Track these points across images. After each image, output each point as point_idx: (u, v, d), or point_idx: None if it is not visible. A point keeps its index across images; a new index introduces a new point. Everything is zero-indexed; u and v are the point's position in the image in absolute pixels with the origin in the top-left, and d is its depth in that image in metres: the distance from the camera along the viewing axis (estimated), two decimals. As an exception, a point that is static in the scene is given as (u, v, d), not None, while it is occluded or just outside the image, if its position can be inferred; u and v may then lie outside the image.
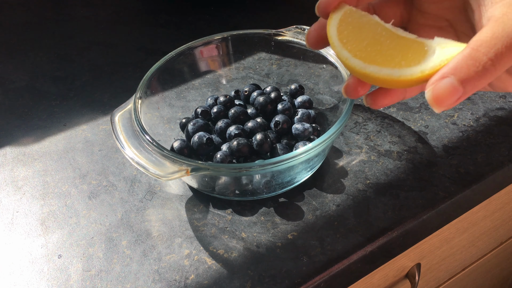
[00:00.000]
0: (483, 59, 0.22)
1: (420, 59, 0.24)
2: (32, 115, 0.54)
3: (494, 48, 0.22)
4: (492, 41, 0.22)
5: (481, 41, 0.22)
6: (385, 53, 0.26)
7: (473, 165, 0.43)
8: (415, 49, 0.25)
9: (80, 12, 0.73)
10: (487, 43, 0.22)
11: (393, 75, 0.25)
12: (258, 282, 0.36)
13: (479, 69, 0.22)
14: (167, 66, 0.46)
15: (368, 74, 0.26)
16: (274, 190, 0.41)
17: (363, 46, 0.26)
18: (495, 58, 0.22)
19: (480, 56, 0.22)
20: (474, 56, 0.22)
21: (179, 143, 0.42)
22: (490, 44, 0.22)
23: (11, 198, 0.44)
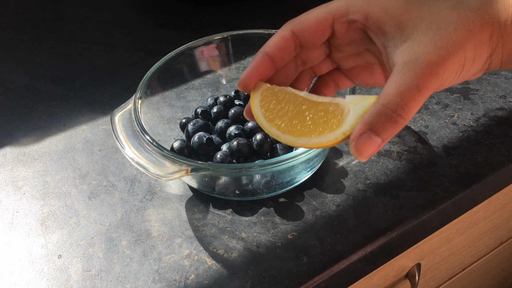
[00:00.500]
0: (393, 115, 0.25)
1: (340, 122, 0.27)
2: (32, 115, 0.54)
3: (401, 104, 0.24)
4: (398, 98, 0.24)
5: (388, 97, 0.25)
6: (309, 123, 0.28)
7: (473, 165, 0.43)
8: (333, 112, 0.28)
9: (80, 12, 0.73)
10: (394, 101, 0.25)
11: (321, 142, 0.28)
12: (258, 282, 0.36)
13: (391, 123, 0.25)
14: (167, 66, 0.46)
15: (300, 145, 0.28)
16: (274, 190, 0.41)
17: (289, 120, 0.29)
18: (404, 113, 0.25)
19: (390, 113, 0.25)
20: (385, 112, 0.25)
21: (179, 143, 0.42)
22: (397, 101, 0.24)
23: (11, 198, 0.44)
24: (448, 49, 0.24)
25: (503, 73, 0.54)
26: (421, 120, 0.48)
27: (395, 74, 0.25)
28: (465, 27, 0.25)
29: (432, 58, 0.24)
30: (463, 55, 0.25)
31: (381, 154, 0.45)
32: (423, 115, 0.49)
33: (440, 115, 0.49)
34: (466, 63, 0.25)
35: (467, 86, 0.53)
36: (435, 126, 0.48)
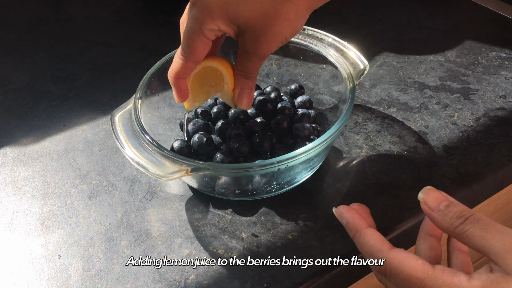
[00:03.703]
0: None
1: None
2: (32, 115, 0.54)
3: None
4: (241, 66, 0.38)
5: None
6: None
7: (473, 165, 0.43)
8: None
9: (80, 12, 0.73)
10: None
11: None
12: (258, 282, 0.36)
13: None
14: (167, 66, 0.46)
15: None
16: (274, 190, 0.41)
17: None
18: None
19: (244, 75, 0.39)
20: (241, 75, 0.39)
21: (179, 143, 0.42)
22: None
23: (11, 198, 0.44)
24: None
25: (503, 73, 0.54)
26: (421, 120, 0.48)
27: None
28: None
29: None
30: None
31: (381, 154, 0.45)
32: (423, 115, 0.49)
33: (440, 115, 0.49)
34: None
35: (467, 86, 0.53)
36: (435, 126, 0.48)
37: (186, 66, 0.37)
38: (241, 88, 0.38)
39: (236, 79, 0.38)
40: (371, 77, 0.55)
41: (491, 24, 0.63)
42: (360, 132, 0.48)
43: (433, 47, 0.59)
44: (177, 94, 0.39)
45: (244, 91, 0.39)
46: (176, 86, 0.39)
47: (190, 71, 0.38)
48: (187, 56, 0.37)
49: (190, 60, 0.37)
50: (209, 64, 0.39)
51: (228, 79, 0.39)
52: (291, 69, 0.52)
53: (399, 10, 0.67)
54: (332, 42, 0.47)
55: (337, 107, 0.46)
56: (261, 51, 0.35)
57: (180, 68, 0.37)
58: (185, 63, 0.37)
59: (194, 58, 0.37)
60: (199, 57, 0.37)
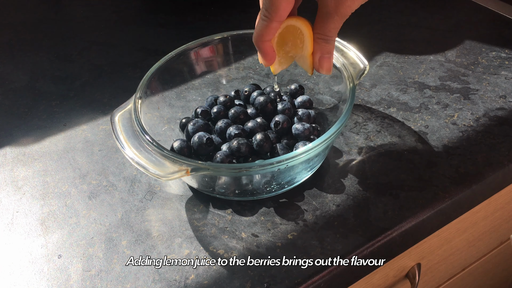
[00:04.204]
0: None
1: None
2: (32, 115, 0.54)
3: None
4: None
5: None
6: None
7: (473, 165, 0.43)
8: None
9: (80, 12, 0.73)
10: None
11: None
12: (258, 282, 0.36)
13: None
14: (167, 66, 0.46)
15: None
16: (274, 190, 0.41)
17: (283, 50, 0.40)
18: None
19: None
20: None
21: (179, 143, 0.42)
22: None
23: (11, 198, 0.44)
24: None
25: (503, 73, 0.54)
26: (421, 120, 0.48)
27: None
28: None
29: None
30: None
31: (381, 154, 0.45)
32: (423, 115, 0.49)
33: (440, 115, 0.49)
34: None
35: (467, 86, 0.53)
36: (435, 126, 0.48)
37: (270, 26, 0.36)
38: (322, 53, 0.38)
39: (316, 43, 0.37)
40: (371, 77, 0.55)
41: (491, 24, 0.63)
42: (360, 132, 0.48)
43: (433, 47, 0.59)
44: (264, 57, 0.39)
45: (324, 56, 0.38)
46: (263, 49, 0.38)
47: (275, 31, 0.37)
48: (271, 16, 0.35)
49: (275, 20, 0.36)
50: (292, 23, 0.37)
51: (308, 41, 0.37)
52: (291, 69, 0.52)
53: (399, 10, 0.67)
54: (332, 42, 0.47)
55: (337, 107, 0.46)
56: (343, 9, 0.34)
57: (265, 30, 0.36)
58: (269, 23, 0.36)
59: (278, 17, 0.35)
60: (283, 15, 0.36)
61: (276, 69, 0.41)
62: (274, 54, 0.39)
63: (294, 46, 0.39)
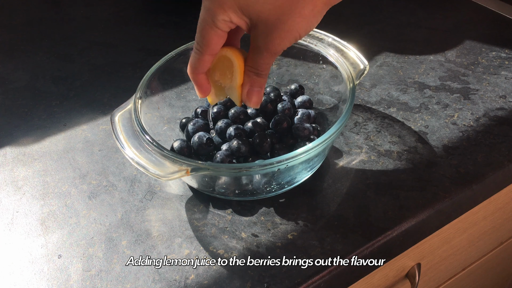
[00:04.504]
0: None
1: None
2: (32, 115, 0.54)
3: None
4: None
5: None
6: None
7: (473, 165, 0.43)
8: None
9: (80, 12, 0.73)
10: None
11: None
12: (258, 282, 0.36)
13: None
14: (167, 66, 0.46)
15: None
16: (274, 190, 0.41)
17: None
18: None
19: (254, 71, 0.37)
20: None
21: (179, 143, 0.42)
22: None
23: (11, 198, 0.44)
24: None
25: (503, 73, 0.54)
26: (421, 120, 0.48)
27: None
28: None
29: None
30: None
31: (381, 154, 0.45)
32: (423, 115, 0.49)
33: (440, 115, 0.49)
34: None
35: (467, 86, 0.53)
36: (435, 126, 0.48)
37: (202, 59, 0.36)
38: (251, 86, 0.37)
39: (246, 75, 0.37)
40: (371, 77, 0.55)
41: (491, 24, 0.63)
42: (360, 132, 0.48)
43: (433, 47, 0.59)
44: (198, 89, 0.39)
45: (253, 89, 0.37)
46: (196, 81, 0.38)
47: (207, 64, 0.37)
48: (202, 49, 0.36)
49: (206, 53, 0.36)
50: (224, 54, 0.37)
51: (238, 73, 0.37)
52: (291, 69, 0.52)
53: (399, 10, 0.67)
54: (332, 42, 0.47)
55: (337, 107, 0.46)
56: (272, 46, 0.34)
57: (198, 62, 0.37)
58: (201, 56, 0.36)
59: (209, 51, 0.36)
60: (214, 49, 0.36)
61: (213, 100, 0.41)
62: (209, 86, 0.39)
63: (224, 76, 0.38)
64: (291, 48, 0.49)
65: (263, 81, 0.37)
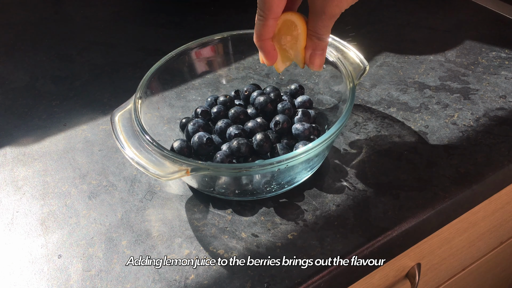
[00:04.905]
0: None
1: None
2: (32, 115, 0.54)
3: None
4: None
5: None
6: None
7: (473, 165, 0.43)
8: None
9: (80, 12, 0.73)
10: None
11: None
12: (258, 282, 0.36)
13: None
14: (167, 66, 0.46)
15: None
16: (274, 190, 0.41)
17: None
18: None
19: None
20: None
21: (179, 143, 0.42)
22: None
23: (11, 198, 0.44)
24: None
25: (503, 73, 0.54)
26: (421, 120, 0.48)
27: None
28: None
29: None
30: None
31: (381, 154, 0.45)
32: (423, 115, 0.49)
33: (440, 115, 0.49)
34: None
35: (467, 86, 0.53)
36: (435, 126, 0.48)
37: (266, 24, 0.37)
38: (313, 49, 0.38)
39: (309, 39, 0.38)
40: (371, 77, 0.55)
41: (491, 24, 0.63)
42: (360, 132, 0.48)
43: (433, 47, 0.59)
44: (266, 57, 0.39)
45: (316, 52, 0.38)
46: (264, 48, 0.38)
47: (272, 29, 0.37)
48: (265, 14, 0.36)
49: (269, 18, 0.36)
50: (288, 18, 0.38)
51: (302, 36, 0.38)
52: (291, 69, 0.52)
53: (399, 10, 0.67)
54: (332, 42, 0.47)
55: (337, 107, 0.46)
56: (330, 9, 0.34)
57: (263, 29, 0.37)
58: (264, 22, 0.36)
59: (272, 15, 0.36)
60: (277, 12, 0.36)
61: (280, 66, 0.41)
62: (275, 52, 0.39)
63: (288, 39, 0.39)
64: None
65: (324, 44, 0.38)
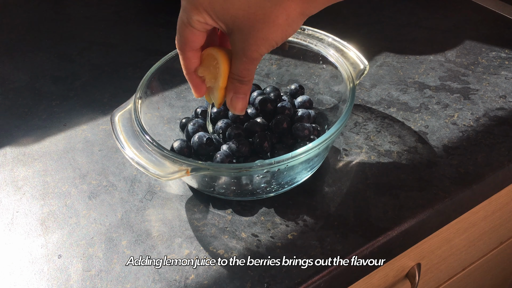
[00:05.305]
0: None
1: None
2: (32, 115, 0.54)
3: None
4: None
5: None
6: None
7: (473, 165, 0.43)
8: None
9: (80, 12, 0.73)
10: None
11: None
12: (258, 282, 0.36)
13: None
14: (167, 66, 0.46)
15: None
16: (274, 190, 0.41)
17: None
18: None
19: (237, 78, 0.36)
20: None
21: (179, 143, 0.42)
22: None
23: (11, 198, 0.44)
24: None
25: (503, 73, 0.54)
26: (421, 120, 0.48)
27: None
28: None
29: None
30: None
31: (381, 154, 0.45)
32: (423, 115, 0.49)
33: (440, 115, 0.49)
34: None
35: (467, 86, 0.53)
36: (435, 126, 0.48)
37: (186, 57, 0.37)
38: (235, 93, 0.37)
39: (230, 82, 0.36)
40: (371, 77, 0.55)
41: (491, 24, 0.63)
42: (360, 132, 0.48)
43: (433, 47, 0.59)
44: (193, 89, 0.39)
45: (237, 96, 0.37)
46: (190, 80, 0.38)
47: (194, 61, 0.37)
48: (182, 47, 0.36)
49: (186, 50, 0.36)
50: (210, 52, 0.37)
51: (221, 74, 0.36)
52: (291, 69, 0.52)
53: (399, 10, 0.67)
54: (332, 42, 0.47)
55: (337, 107, 0.46)
56: (250, 53, 0.34)
57: (182, 61, 0.37)
58: (183, 54, 0.37)
59: (188, 48, 0.36)
60: (194, 46, 0.36)
61: (210, 98, 0.40)
62: (203, 85, 0.39)
63: (210, 75, 0.38)
64: (291, 48, 0.49)
65: (247, 88, 0.37)
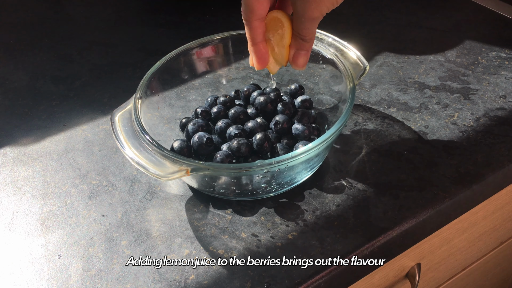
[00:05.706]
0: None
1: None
2: (32, 115, 0.54)
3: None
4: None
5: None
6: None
7: (473, 165, 0.43)
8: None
9: (80, 12, 0.73)
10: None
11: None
12: (258, 282, 0.36)
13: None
14: (167, 66, 0.46)
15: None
16: (274, 190, 0.41)
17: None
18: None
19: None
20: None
21: (179, 143, 0.42)
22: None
23: (11, 198, 0.44)
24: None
25: (503, 73, 0.54)
26: (421, 120, 0.48)
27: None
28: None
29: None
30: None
31: (381, 154, 0.45)
32: (423, 115, 0.49)
33: (440, 115, 0.49)
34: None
35: (467, 86, 0.53)
36: (435, 126, 0.48)
37: (252, 27, 0.38)
38: (297, 49, 0.39)
39: (293, 38, 0.38)
40: (371, 77, 0.55)
41: (491, 24, 0.63)
42: (360, 132, 0.48)
43: (433, 47, 0.59)
44: (257, 61, 0.40)
45: (299, 52, 0.39)
46: (255, 52, 0.39)
47: (260, 31, 0.38)
48: (248, 17, 0.37)
49: (253, 20, 0.37)
50: (274, 15, 0.38)
51: (287, 33, 0.38)
52: (291, 69, 0.52)
53: (399, 10, 0.67)
54: (332, 42, 0.47)
55: (337, 107, 0.46)
56: (310, 13, 0.35)
57: (250, 32, 0.38)
58: (249, 24, 0.37)
59: (255, 17, 0.37)
60: (260, 14, 0.37)
61: (273, 68, 0.41)
62: (267, 56, 0.40)
63: (275, 37, 0.39)
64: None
65: (308, 46, 0.38)
